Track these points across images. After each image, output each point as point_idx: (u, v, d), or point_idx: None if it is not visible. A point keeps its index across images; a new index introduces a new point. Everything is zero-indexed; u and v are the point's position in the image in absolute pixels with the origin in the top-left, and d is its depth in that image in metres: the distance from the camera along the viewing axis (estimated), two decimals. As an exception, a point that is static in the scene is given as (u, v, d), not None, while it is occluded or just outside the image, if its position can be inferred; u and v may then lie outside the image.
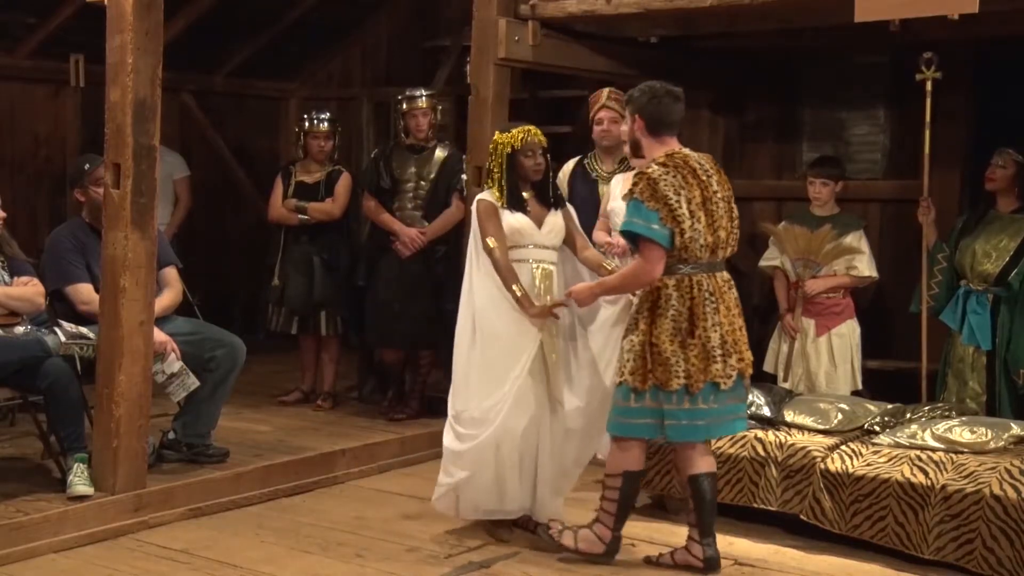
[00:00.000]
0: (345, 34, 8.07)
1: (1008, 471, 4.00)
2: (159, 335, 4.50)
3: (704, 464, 3.95)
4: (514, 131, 4.29)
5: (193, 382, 4.64)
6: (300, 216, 6.02)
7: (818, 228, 5.46)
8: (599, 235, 5.10)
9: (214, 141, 7.90)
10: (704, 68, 6.69)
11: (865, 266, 5.44)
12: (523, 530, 4.28)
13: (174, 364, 4.57)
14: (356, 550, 4.16)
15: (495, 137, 4.33)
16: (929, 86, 5.11)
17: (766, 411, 4.60)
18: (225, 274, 7.76)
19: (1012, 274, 4.97)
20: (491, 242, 4.14)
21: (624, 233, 3.95)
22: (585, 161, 5.55)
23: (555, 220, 4.31)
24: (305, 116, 6.21)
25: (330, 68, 8.33)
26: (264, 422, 5.73)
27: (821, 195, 5.49)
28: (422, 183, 5.89)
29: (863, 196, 6.30)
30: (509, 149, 4.25)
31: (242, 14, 7.12)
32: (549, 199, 4.33)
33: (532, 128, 4.32)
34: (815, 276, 5.42)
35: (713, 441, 4.17)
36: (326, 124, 6.09)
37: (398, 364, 6.04)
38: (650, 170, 3.85)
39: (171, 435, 4.84)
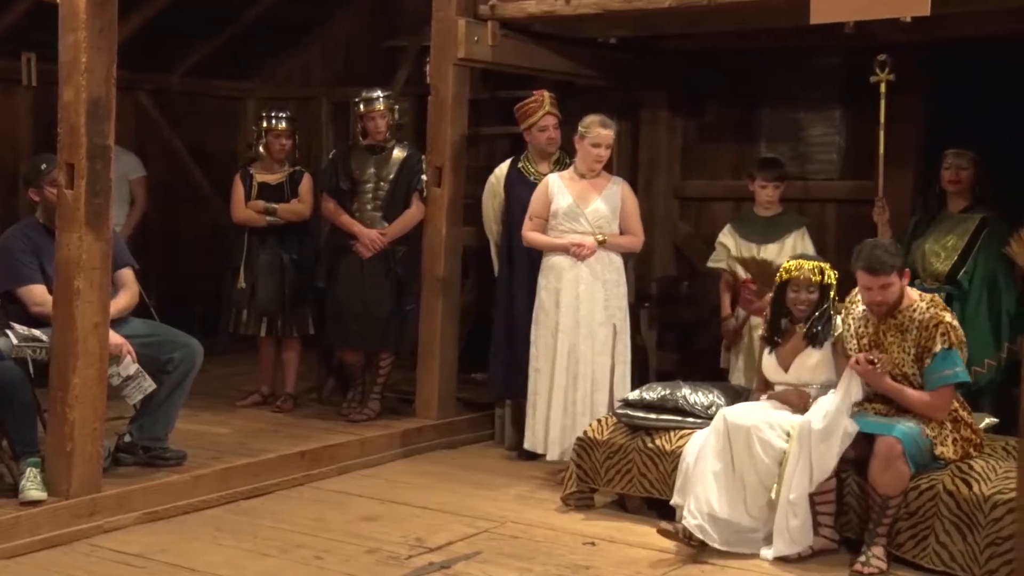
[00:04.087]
0: (304, 34, 8.02)
1: (959, 467, 4.06)
2: (114, 337, 4.44)
3: None
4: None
5: (149, 385, 4.59)
6: (269, 218, 5.97)
7: (767, 230, 5.50)
8: (534, 235, 5.15)
9: (171, 141, 7.82)
10: (663, 69, 6.74)
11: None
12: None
13: (130, 366, 4.51)
14: (315, 552, 4.13)
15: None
16: (883, 88, 5.17)
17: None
18: (183, 275, 7.68)
19: (961, 272, 5.05)
20: None
21: (955, 384, 4.10)
22: (520, 164, 5.59)
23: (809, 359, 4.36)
24: (264, 115, 6.16)
25: (289, 68, 8.28)
26: (222, 424, 5.68)
27: (774, 198, 5.54)
28: (381, 184, 5.87)
29: (820, 196, 6.37)
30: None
31: (199, 13, 7.04)
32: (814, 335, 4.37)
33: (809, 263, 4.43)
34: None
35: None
36: (285, 123, 6.05)
37: (358, 365, 6.01)
38: (947, 318, 4.09)
39: (127, 438, 4.78)
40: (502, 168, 5.70)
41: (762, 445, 4.16)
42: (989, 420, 4.51)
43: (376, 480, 5.15)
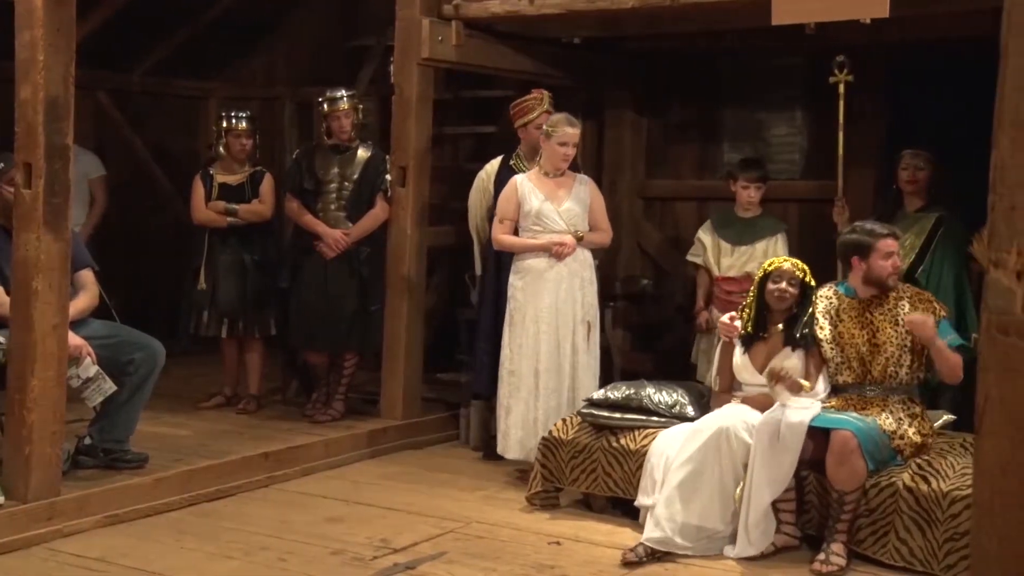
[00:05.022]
0: (267, 33, 7.97)
1: (918, 464, 4.11)
2: (74, 339, 4.39)
3: None
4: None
5: (110, 387, 4.54)
6: (229, 218, 5.93)
7: (744, 231, 5.53)
8: (508, 238, 5.12)
9: (131, 141, 7.74)
10: (627, 69, 6.76)
11: None
12: None
13: (90, 368, 4.46)
14: (279, 554, 4.11)
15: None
16: (842, 88, 5.21)
17: (690, 411, 4.64)
18: (144, 276, 7.61)
19: (919, 271, 5.11)
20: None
21: (959, 348, 4.24)
22: (512, 162, 5.55)
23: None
24: (224, 114, 6.11)
25: (252, 67, 8.22)
26: (185, 426, 5.63)
27: (755, 199, 5.56)
28: (345, 184, 5.84)
29: (782, 196, 6.41)
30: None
31: (160, 11, 6.98)
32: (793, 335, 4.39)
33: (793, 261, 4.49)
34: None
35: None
36: (245, 122, 6.00)
37: (323, 366, 5.98)
38: (927, 294, 4.39)
39: (87, 441, 4.72)
40: (493, 164, 5.62)
41: (738, 444, 4.17)
42: (947, 417, 4.57)
43: (341, 481, 5.13)
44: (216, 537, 4.29)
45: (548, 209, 5.08)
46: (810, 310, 4.39)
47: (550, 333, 5.02)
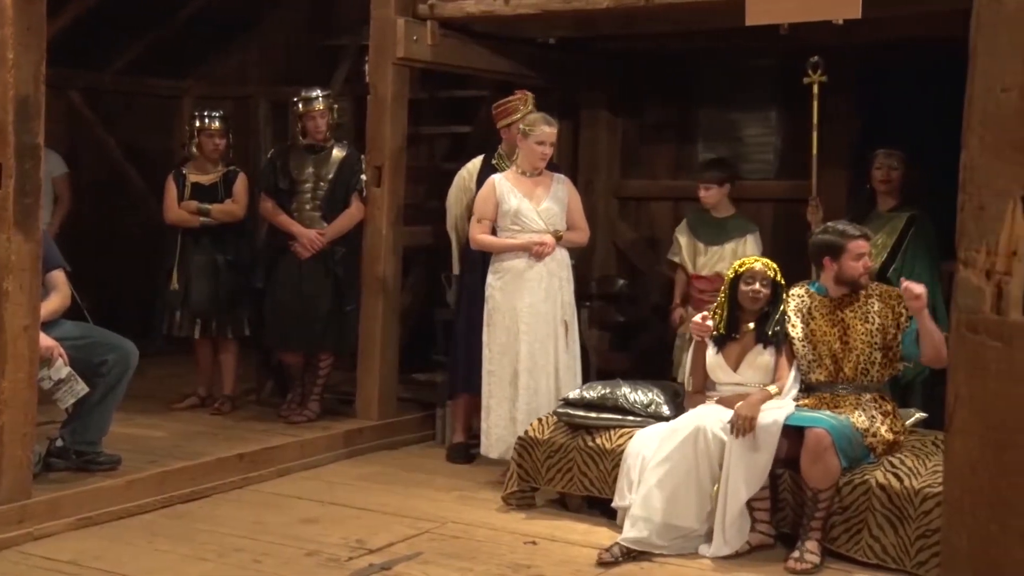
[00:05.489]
0: (241, 32, 7.93)
1: (891, 461, 4.14)
2: (45, 340, 4.35)
3: None
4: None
5: (82, 388, 4.50)
6: (202, 218, 5.89)
7: (715, 231, 5.56)
8: (487, 238, 5.10)
9: (104, 140, 7.68)
10: (602, 69, 6.78)
11: None
12: None
13: (61, 370, 4.42)
14: (254, 556, 4.09)
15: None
16: (816, 89, 5.25)
17: (665, 410, 4.65)
18: (117, 277, 7.55)
19: (891, 270, 5.16)
20: None
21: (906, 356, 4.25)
22: (494, 161, 5.53)
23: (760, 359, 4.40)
24: (196, 114, 6.08)
25: (226, 66, 8.18)
26: (158, 428, 5.59)
27: (706, 199, 5.60)
28: (320, 184, 5.82)
29: (756, 196, 6.45)
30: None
31: (132, 10, 6.93)
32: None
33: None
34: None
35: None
36: (218, 122, 5.97)
37: (298, 366, 5.96)
38: (896, 292, 4.25)
39: (59, 443, 4.68)
40: (475, 163, 5.58)
41: (715, 444, 4.18)
42: (919, 415, 4.61)
43: (316, 482, 5.11)
44: (190, 539, 4.26)
45: (527, 208, 5.07)
46: (781, 308, 4.41)
47: (530, 333, 5.02)
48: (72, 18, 6.50)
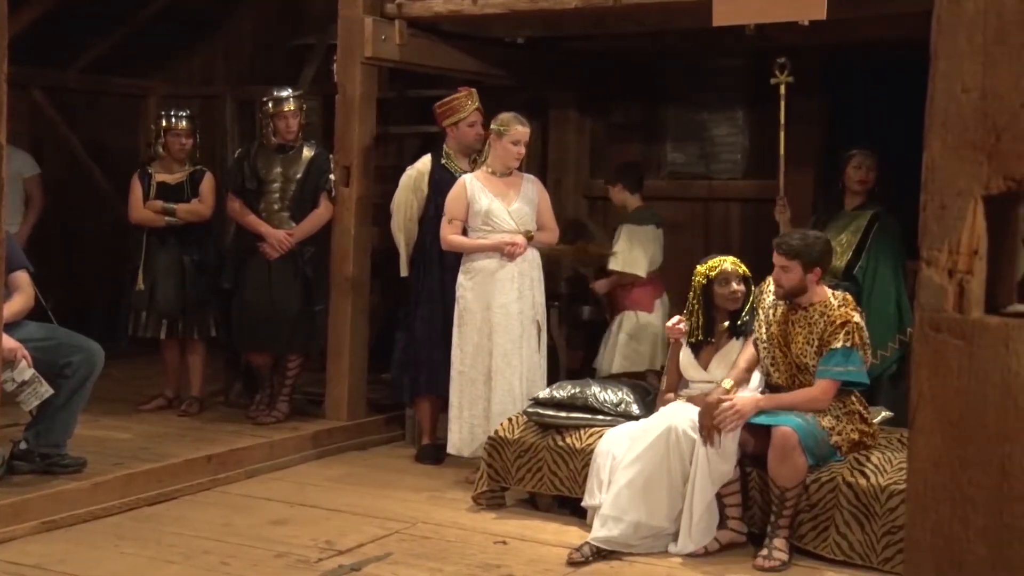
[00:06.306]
0: (207, 30, 7.87)
1: (857, 459, 4.19)
2: (8, 341, 4.29)
3: None
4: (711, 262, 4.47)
5: (46, 390, 4.45)
6: (168, 218, 5.84)
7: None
8: (458, 238, 5.09)
9: (68, 140, 7.60)
10: (571, 69, 6.80)
11: (615, 263, 5.79)
12: None
13: (25, 371, 4.37)
14: (222, 558, 4.06)
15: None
16: (783, 89, 5.29)
17: (635, 409, 4.67)
18: (82, 277, 7.48)
19: (856, 268, 5.21)
20: None
21: (843, 382, 4.16)
22: (443, 160, 5.51)
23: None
24: (163, 113, 6.03)
25: (192, 65, 8.12)
26: (125, 429, 5.54)
27: (617, 201, 5.97)
28: (289, 184, 5.79)
29: (724, 195, 6.50)
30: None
31: (97, 7, 6.86)
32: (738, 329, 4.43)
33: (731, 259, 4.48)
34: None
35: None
36: (185, 121, 5.92)
37: (266, 367, 5.93)
38: (855, 319, 4.15)
39: (23, 445, 4.62)
40: (424, 163, 5.52)
41: (686, 443, 4.19)
42: (885, 414, 4.66)
43: (285, 483, 5.08)
44: (157, 541, 4.23)
45: (498, 208, 5.07)
46: (751, 301, 4.44)
47: (502, 333, 5.01)
48: (36, 15, 6.43)
